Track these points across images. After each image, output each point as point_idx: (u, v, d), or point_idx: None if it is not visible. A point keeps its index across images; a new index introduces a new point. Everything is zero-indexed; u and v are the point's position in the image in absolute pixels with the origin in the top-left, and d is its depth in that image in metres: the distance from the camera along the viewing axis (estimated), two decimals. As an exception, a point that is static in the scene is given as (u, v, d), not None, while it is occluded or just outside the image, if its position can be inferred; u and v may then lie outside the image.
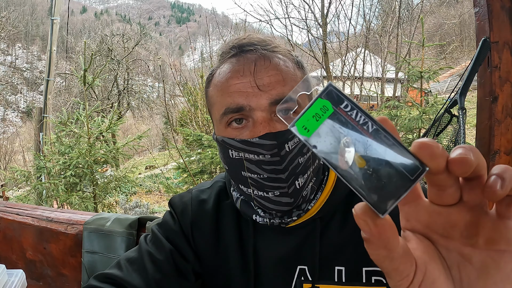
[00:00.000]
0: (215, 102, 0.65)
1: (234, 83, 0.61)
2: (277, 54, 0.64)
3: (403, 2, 9.95)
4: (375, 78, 10.37)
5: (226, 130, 0.63)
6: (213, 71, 0.67)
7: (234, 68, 0.63)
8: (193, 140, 5.06)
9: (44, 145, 5.81)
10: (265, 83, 0.60)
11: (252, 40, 0.64)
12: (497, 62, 1.11)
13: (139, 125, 20.01)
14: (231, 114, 0.61)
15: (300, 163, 0.61)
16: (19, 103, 43.42)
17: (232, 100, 0.61)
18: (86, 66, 4.69)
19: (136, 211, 6.66)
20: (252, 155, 0.60)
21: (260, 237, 0.70)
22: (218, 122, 0.65)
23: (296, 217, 0.65)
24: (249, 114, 0.61)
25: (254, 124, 0.61)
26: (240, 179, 0.65)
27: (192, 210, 0.75)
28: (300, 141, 0.60)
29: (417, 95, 5.14)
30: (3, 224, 1.46)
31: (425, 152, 0.26)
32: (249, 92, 0.60)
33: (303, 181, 0.62)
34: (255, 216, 0.67)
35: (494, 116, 1.13)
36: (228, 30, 12.37)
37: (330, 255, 0.68)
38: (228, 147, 0.63)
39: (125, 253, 0.74)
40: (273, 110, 0.60)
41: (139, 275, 0.68)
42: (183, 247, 0.73)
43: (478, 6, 1.14)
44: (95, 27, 32.67)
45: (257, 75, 0.60)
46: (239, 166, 0.63)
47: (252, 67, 0.61)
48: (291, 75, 0.63)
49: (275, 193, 0.61)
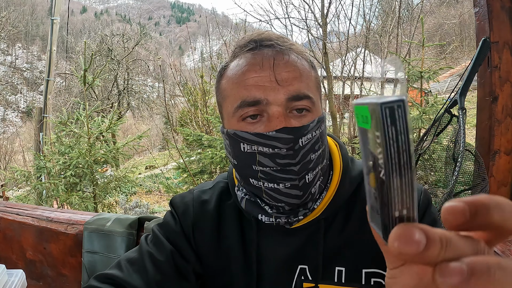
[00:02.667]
0: (229, 95, 0.64)
1: (251, 76, 0.61)
2: (294, 50, 0.64)
3: (403, 2, 9.95)
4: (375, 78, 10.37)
5: (239, 124, 0.62)
6: (227, 64, 0.66)
7: (252, 62, 0.62)
8: (193, 140, 5.06)
9: (44, 145, 5.81)
10: (284, 78, 0.60)
11: (271, 36, 0.64)
12: (497, 62, 1.11)
13: (139, 125, 20.01)
14: (247, 107, 0.61)
15: (311, 159, 0.61)
16: (19, 103, 43.41)
17: (249, 93, 0.60)
18: (86, 66, 4.69)
19: (136, 211, 6.65)
20: (267, 148, 0.60)
21: (263, 238, 0.70)
22: (230, 116, 0.64)
23: (302, 216, 0.65)
24: (264, 109, 0.61)
25: (269, 118, 0.60)
26: (249, 173, 0.64)
27: (193, 211, 0.75)
28: (313, 138, 0.61)
29: (417, 95, 5.13)
30: (3, 224, 1.46)
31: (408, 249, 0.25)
32: (266, 86, 0.60)
33: (312, 176, 0.62)
34: (261, 216, 0.67)
35: (494, 116, 1.13)
36: (228, 30, 12.36)
37: (331, 256, 0.68)
38: (241, 140, 0.62)
39: (126, 253, 0.74)
40: (289, 105, 0.60)
41: (139, 275, 0.68)
42: (184, 248, 0.72)
43: (478, 6, 1.14)
44: (95, 27, 32.66)
45: (276, 69, 0.60)
46: (250, 160, 0.62)
47: (272, 61, 0.61)
48: (307, 73, 0.63)
49: (286, 185, 0.61)
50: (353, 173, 0.71)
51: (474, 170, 1.09)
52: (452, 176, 1.03)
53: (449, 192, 1.03)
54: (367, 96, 0.28)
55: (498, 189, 1.17)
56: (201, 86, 7.00)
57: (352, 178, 0.71)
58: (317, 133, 0.62)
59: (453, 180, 1.02)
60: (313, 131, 0.61)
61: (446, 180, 1.12)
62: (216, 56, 9.45)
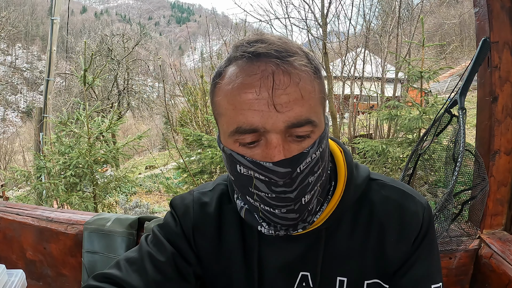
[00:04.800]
0: (225, 114, 0.59)
1: (248, 99, 0.55)
2: (296, 65, 0.56)
3: (403, 2, 9.93)
4: (375, 78, 10.36)
5: (236, 147, 0.59)
6: (221, 72, 0.60)
7: (248, 80, 0.55)
8: (193, 140, 5.06)
9: (44, 145, 5.81)
10: (283, 102, 0.54)
11: (270, 46, 0.56)
12: (497, 62, 1.11)
13: (139, 125, 20.01)
14: (244, 135, 0.56)
15: (310, 182, 0.59)
16: (19, 103, 43.40)
17: (246, 119, 0.55)
18: (86, 66, 4.69)
19: (136, 211, 6.66)
20: (263, 177, 0.58)
21: (265, 244, 0.70)
22: (226, 135, 0.60)
23: (302, 229, 0.65)
24: (262, 134, 0.56)
25: (267, 145, 0.56)
26: (246, 192, 0.63)
27: (193, 213, 0.74)
28: (312, 160, 0.58)
29: (417, 95, 5.13)
30: (3, 224, 1.46)
31: None
32: (264, 112, 0.54)
33: (310, 197, 0.61)
34: (260, 227, 0.66)
35: (494, 116, 1.13)
36: (228, 30, 12.35)
37: (333, 265, 0.68)
38: (237, 162, 0.59)
39: (125, 253, 0.74)
40: (288, 132, 0.56)
41: (138, 275, 0.67)
42: (185, 249, 0.72)
43: (478, 6, 1.14)
44: (95, 27, 32.64)
45: (275, 92, 0.54)
46: (247, 182, 0.60)
47: (270, 82, 0.54)
48: (309, 91, 0.57)
49: (282, 210, 0.60)
50: (358, 180, 0.69)
51: (474, 170, 1.09)
52: (452, 176, 1.03)
53: (449, 192, 1.03)
54: None
55: (498, 189, 1.18)
56: (201, 86, 7.01)
57: (357, 186, 0.69)
58: (317, 155, 0.59)
59: (453, 180, 1.02)
60: (313, 153, 0.58)
61: (446, 180, 1.12)
62: (216, 56, 9.43)
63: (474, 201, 1.08)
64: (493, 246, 1.10)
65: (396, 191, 0.70)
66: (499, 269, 1.03)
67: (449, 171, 1.10)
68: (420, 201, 0.70)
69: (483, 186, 1.06)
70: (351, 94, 9.85)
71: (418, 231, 0.68)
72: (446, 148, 1.16)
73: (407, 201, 0.69)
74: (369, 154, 5.07)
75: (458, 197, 1.11)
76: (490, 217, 1.19)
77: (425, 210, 0.69)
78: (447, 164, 1.12)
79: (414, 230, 0.68)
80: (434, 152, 1.23)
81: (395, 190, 0.70)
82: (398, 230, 0.67)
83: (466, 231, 1.12)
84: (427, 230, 0.69)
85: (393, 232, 0.67)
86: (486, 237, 1.15)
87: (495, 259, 1.06)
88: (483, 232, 1.19)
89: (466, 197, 1.10)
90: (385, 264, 0.68)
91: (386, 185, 0.71)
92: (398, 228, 0.68)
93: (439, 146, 1.21)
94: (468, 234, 1.12)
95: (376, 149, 4.90)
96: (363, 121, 9.23)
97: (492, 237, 1.15)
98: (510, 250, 1.06)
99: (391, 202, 0.69)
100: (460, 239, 1.11)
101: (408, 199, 0.69)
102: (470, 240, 1.13)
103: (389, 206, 0.69)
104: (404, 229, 0.67)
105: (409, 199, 0.69)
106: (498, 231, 1.19)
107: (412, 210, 0.68)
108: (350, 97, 9.87)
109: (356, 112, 9.28)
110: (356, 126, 8.97)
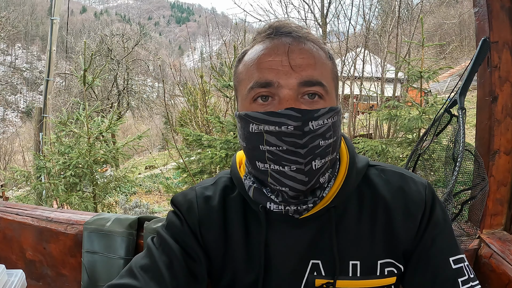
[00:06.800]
0: (244, 78, 0.66)
1: (266, 60, 0.63)
2: (312, 39, 0.65)
3: (403, 2, 9.94)
4: (375, 78, 10.36)
5: (251, 106, 0.64)
6: (245, 51, 0.68)
7: (268, 46, 0.64)
8: (193, 140, 5.05)
9: (44, 145, 5.81)
10: (297, 63, 0.61)
11: (290, 24, 0.66)
12: (497, 62, 1.11)
13: (139, 125, 20.00)
14: (259, 88, 0.62)
15: (320, 145, 0.61)
16: (19, 103, 43.40)
17: (262, 75, 0.62)
18: (86, 66, 4.69)
19: (136, 211, 6.66)
20: (273, 127, 0.60)
21: (272, 230, 0.69)
22: (243, 99, 0.66)
23: (312, 204, 0.65)
24: (276, 92, 0.62)
25: (280, 101, 0.61)
26: (257, 154, 0.64)
27: (198, 208, 0.74)
28: (324, 125, 0.61)
29: (416, 95, 5.14)
30: (3, 224, 1.46)
31: None
32: (279, 70, 0.61)
33: (320, 164, 0.62)
34: (269, 204, 0.66)
35: (494, 116, 1.13)
36: (228, 30, 12.36)
37: (345, 249, 0.68)
38: (250, 120, 0.63)
39: (135, 260, 0.71)
40: (300, 90, 0.61)
41: (156, 283, 0.66)
42: (193, 247, 0.71)
43: (478, 6, 1.14)
44: (95, 27, 32.62)
45: (290, 55, 0.61)
46: (258, 140, 0.63)
47: (287, 47, 0.62)
48: (322, 61, 0.65)
49: (292, 168, 0.61)
50: (359, 164, 0.72)
51: (473, 170, 1.09)
52: (451, 176, 1.03)
53: (449, 192, 1.03)
54: None
55: (497, 189, 1.18)
56: (201, 86, 7.00)
57: (358, 169, 0.71)
58: (329, 122, 0.62)
59: (453, 180, 1.02)
60: (324, 118, 0.61)
61: (446, 180, 1.12)
62: (216, 56, 9.43)
63: (474, 201, 1.08)
64: (493, 246, 1.10)
65: (395, 174, 0.73)
66: (499, 269, 1.03)
67: (448, 171, 1.10)
68: (419, 181, 0.72)
69: (482, 186, 1.06)
70: (351, 94, 9.85)
71: (423, 208, 0.69)
72: (446, 148, 1.16)
73: (407, 183, 0.71)
74: (368, 154, 5.07)
75: (458, 197, 1.11)
76: (490, 217, 1.19)
77: (426, 188, 0.71)
78: (447, 164, 1.12)
79: (419, 207, 0.69)
80: (434, 152, 1.23)
81: (395, 173, 0.73)
82: (403, 209, 0.69)
83: (465, 231, 1.12)
84: (432, 206, 0.70)
85: (399, 211, 0.69)
86: (486, 237, 1.15)
87: (495, 259, 1.06)
88: (482, 232, 1.19)
89: (466, 197, 1.10)
90: (395, 243, 0.69)
91: (385, 170, 0.74)
92: (403, 207, 0.69)
93: (439, 146, 1.21)
94: (468, 234, 1.12)
95: (376, 149, 4.90)
96: (363, 121, 9.24)
97: (492, 237, 1.15)
98: (510, 250, 1.06)
99: (392, 185, 0.71)
100: (460, 239, 1.11)
101: (408, 181, 0.72)
102: (470, 240, 1.13)
103: (391, 188, 0.71)
104: (408, 208, 0.69)
105: (408, 180, 0.72)
106: (498, 231, 1.19)
107: (413, 190, 0.70)
108: (350, 97, 9.87)
109: (356, 112, 9.29)
110: (356, 126, 8.98)
